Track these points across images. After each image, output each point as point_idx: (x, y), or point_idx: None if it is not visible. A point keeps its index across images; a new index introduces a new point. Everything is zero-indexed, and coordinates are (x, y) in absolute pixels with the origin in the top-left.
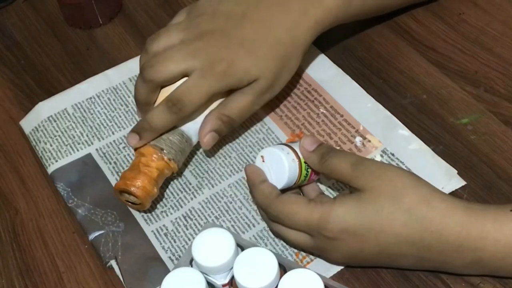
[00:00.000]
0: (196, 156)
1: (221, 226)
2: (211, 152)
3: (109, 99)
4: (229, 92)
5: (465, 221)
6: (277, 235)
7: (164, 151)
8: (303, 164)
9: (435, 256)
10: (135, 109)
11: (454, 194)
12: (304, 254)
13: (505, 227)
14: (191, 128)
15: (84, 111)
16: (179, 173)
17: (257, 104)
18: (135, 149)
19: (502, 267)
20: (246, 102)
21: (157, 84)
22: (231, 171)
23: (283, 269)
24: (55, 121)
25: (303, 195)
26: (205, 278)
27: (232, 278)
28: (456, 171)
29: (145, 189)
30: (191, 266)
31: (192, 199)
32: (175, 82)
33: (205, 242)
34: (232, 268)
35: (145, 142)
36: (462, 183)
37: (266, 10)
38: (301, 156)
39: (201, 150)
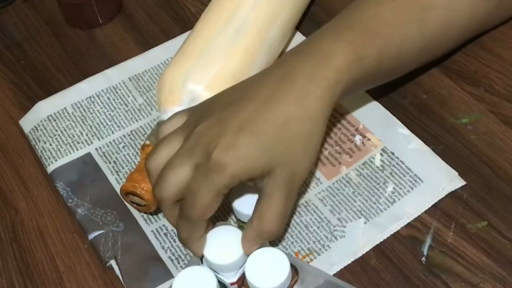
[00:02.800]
0: None
1: (232, 225)
2: None
3: (108, 98)
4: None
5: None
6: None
7: None
8: None
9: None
10: (135, 109)
11: (454, 194)
12: (304, 254)
13: None
14: None
15: (84, 110)
16: None
17: (291, 200)
18: (142, 150)
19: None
20: (279, 206)
21: (171, 201)
22: None
23: (295, 269)
24: (54, 120)
25: None
26: (215, 276)
27: (241, 276)
28: (456, 172)
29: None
30: (202, 263)
31: None
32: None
33: (216, 239)
34: (241, 266)
35: (201, 248)
36: (462, 183)
37: (266, 87)
38: None
39: None
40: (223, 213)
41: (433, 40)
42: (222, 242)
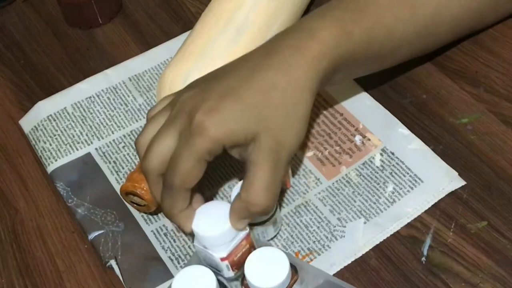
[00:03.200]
0: None
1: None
2: None
3: (108, 98)
4: None
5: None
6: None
7: None
8: None
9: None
10: (135, 109)
11: (454, 194)
12: (304, 254)
13: None
14: None
15: (84, 110)
16: None
17: (279, 172)
18: None
19: None
20: (266, 176)
21: (156, 173)
22: (231, 171)
23: (294, 269)
24: (54, 120)
25: None
26: (205, 253)
27: (231, 253)
28: (456, 172)
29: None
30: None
31: None
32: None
33: (205, 214)
34: (232, 241)
35: (187, 221)
36: (462, 183)
37: (251, 61)
38: None
39: None
40: None
41: (426, 28)
42: (211, 216)
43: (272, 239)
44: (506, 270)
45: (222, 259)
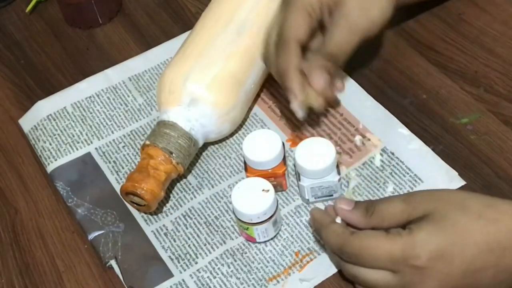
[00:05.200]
0: (196, 157)
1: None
2: (211, 153)
3: (108, 98)
4: None
5: None
6: (353, 277)
7: (173, 154)
8: None
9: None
10: (135, 109)
11: None
12: (304, 253)
13: None
14: (199, 132)
15: (84, 110)
16: (180, 175)
17: (357, 36)
18: (142, 150)
19: None
20: (344, 35)
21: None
22: (231, 171)
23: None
24: (54, 120)
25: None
26: (319, 185)
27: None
28: (455, 172)
29: (153, 192)
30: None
31: (192, 199)
32: None
33: (307, 153)
34: (334, 169)
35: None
36: (462, 183)
37: None
38: None
39: (201, 151)
40: (222, 213)
41: None
42: (312, 153)
43: (272, 239)
44: None
45: (339, 180)
